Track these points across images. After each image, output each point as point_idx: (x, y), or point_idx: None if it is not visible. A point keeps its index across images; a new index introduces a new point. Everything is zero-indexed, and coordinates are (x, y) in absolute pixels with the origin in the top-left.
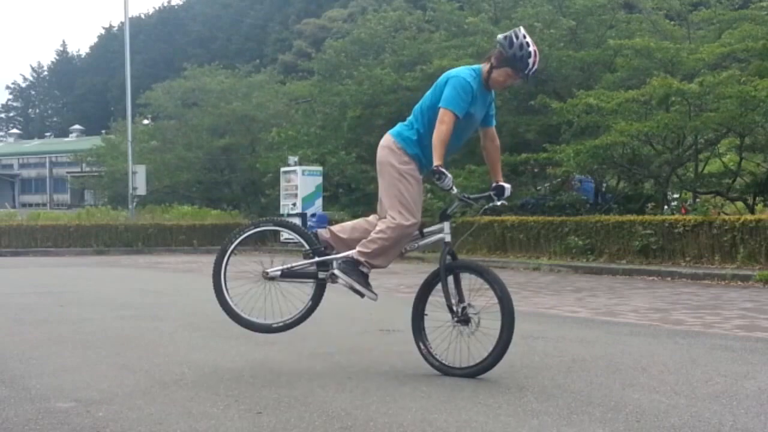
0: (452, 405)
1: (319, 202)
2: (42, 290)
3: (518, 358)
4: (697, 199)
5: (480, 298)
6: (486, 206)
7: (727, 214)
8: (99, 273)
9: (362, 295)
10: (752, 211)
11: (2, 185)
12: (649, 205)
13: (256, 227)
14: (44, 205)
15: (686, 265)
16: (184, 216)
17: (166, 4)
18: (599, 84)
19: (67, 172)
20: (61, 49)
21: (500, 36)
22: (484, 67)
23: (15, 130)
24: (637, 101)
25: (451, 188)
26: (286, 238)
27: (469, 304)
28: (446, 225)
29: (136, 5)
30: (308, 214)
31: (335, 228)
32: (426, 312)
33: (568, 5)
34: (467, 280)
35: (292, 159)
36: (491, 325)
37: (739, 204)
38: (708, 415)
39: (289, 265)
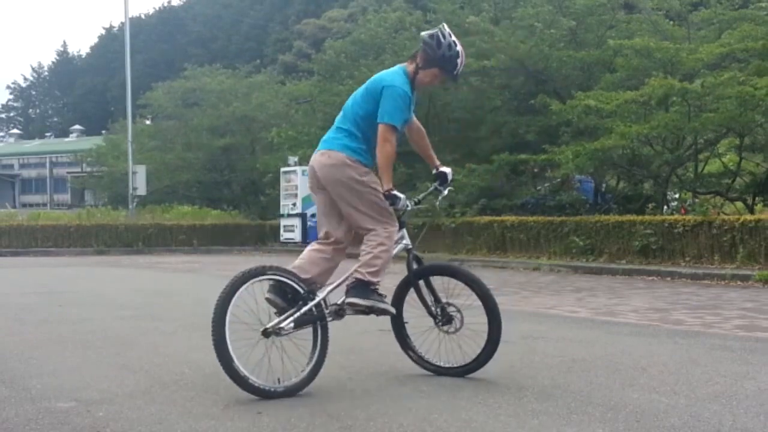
0: (452, 405)
1: None
2: (42, 290)
3: (518, 358)
4: (696, 199)
5: (459, 297)
6: (438, 199)
7: (726, 214)
8: (99, 273)
9: (385, 313)
10: (752, 211)
11: (2, 185)
12: (649, 205)
13: (253, 277)
14: (44, 205)
15: (686, 265)
16: (184, 216)
17: (166, 5)
18: (599, 84)
19: (68, 172)
20: (62, 49)
21: (425, 34)
22: (409, 67)
23: (15, 130)
24: (636, 102)
25: (406, 207)
26: (286, 238)
27: (447, 303)
28: (404, 231)
29: (137, 5)
30: (308, 214)
31: (296, 271)
32: (406, 320)
33: (568, 5)
34: (440, 282)
35: (292, 159)
36: (477, 320)
37: (739, 204)
38: (708, 416)
39: (292, 315)
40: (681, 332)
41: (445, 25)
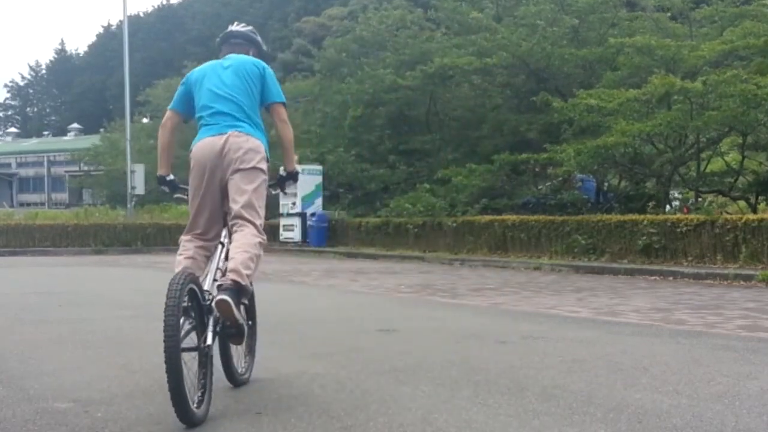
0: (452, 405)
1: (318, 201)
2: (41, 290)
3: (518, 358)
4: (699, 198)
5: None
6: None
7: (729, 214)
8: (98, 273)
9: (243, 326)
10: (755, 211)
11: (0, 184)
12: (651, 204)
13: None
14: (42, 204)
15: (688, 264)
16: (182, 215)
17: (165, 3)
18: (601, 82)
19: (66, 171)
20: (60, 47)
21: (250, 30)
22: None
23: (13, 129)
24: (638, 100)
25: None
26: (285, 238)
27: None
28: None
29: (135, 4)
30: (308, 214)
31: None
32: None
33: (570, 3)
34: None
35: None
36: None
37: (742, 203)
38: (710, 416)
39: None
40: (683, 332)
41: (236, 23)
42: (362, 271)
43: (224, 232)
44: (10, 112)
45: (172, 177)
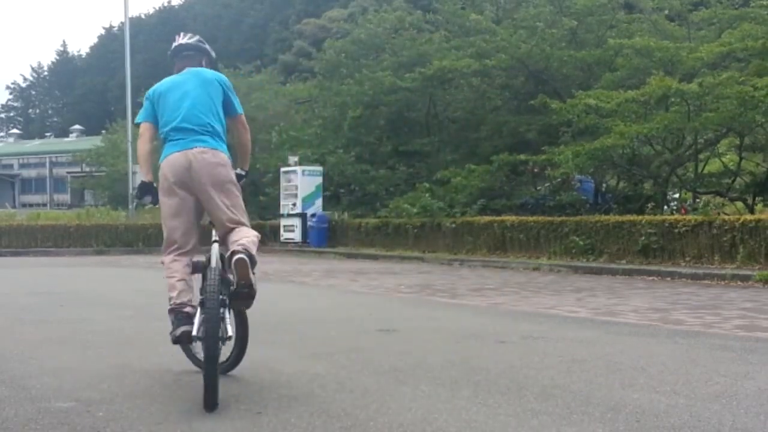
0: (452, 405)
1: (319, 202)
2: (42, 290)
3: (518, 358)
4: (698, 199)
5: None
6: None
7: (726, 214)
8: (99, 273)
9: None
10: (752, 211)
11: (2, 185)
12: (649, 205)
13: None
14: (44, 205)
15: (686, 265)
16: None
17: (166, 4)
18: (599, 84)
19: (67, 172)
20: (62, 49)
21: (198, 42)
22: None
23: (15, 130)
24: (636, 101)
25: None
26: (286, 238)
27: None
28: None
29: (137, 5)
30: (308, 214)
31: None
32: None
33: (569, 5)
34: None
35: (292, 159)
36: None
37: (739, 204)
38: (708, 415)
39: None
40: (681, 332)
41: (182, 33)
42: (362, 271)
43: (215, 246)
44: (12, 114)
45: (156, 184)
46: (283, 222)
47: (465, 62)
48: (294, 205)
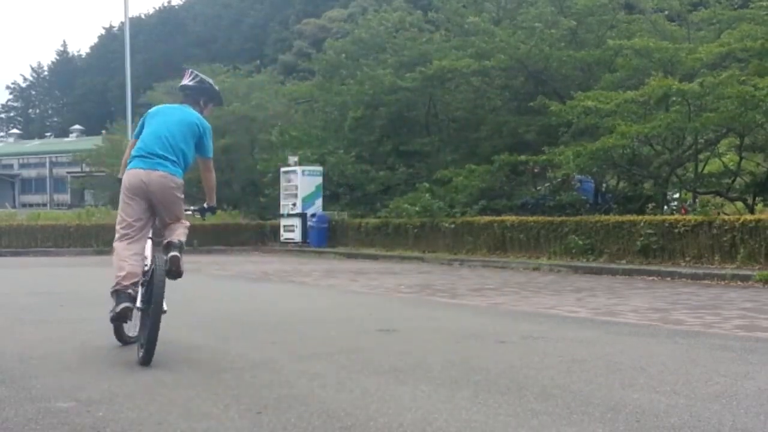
0: (452, 405)
1: (319, 202)
2: (42, 290)
3: (518, 358)
4: (697, 199)
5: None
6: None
7: (727, 214)
8: (99, 273)
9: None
10: (752, 211)
11: (2, 185)
12: (649, 205)
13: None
14: (44, 205)
15: (686, 265)
16: None
17: (166, 4)
18: (599, 84)
19: (68, 172)
20: (62, 49)
21: (201, 81)
22: (196, 109)
23: (15, 130)
24: (636, 102)
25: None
26: (286, 238)
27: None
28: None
29: (137, 5)
30: (308, 214)
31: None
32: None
33: (569, 6)
34: None
35: (292, 159)
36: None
37: (739, 204)
38: (708, 415)
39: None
40: (681, 332)
41: (190, 70)
42: (362, 271)
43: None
44: (12, 114)
45: None
46: (283, 222)
47: (465, 62)
48: (294, 205)
